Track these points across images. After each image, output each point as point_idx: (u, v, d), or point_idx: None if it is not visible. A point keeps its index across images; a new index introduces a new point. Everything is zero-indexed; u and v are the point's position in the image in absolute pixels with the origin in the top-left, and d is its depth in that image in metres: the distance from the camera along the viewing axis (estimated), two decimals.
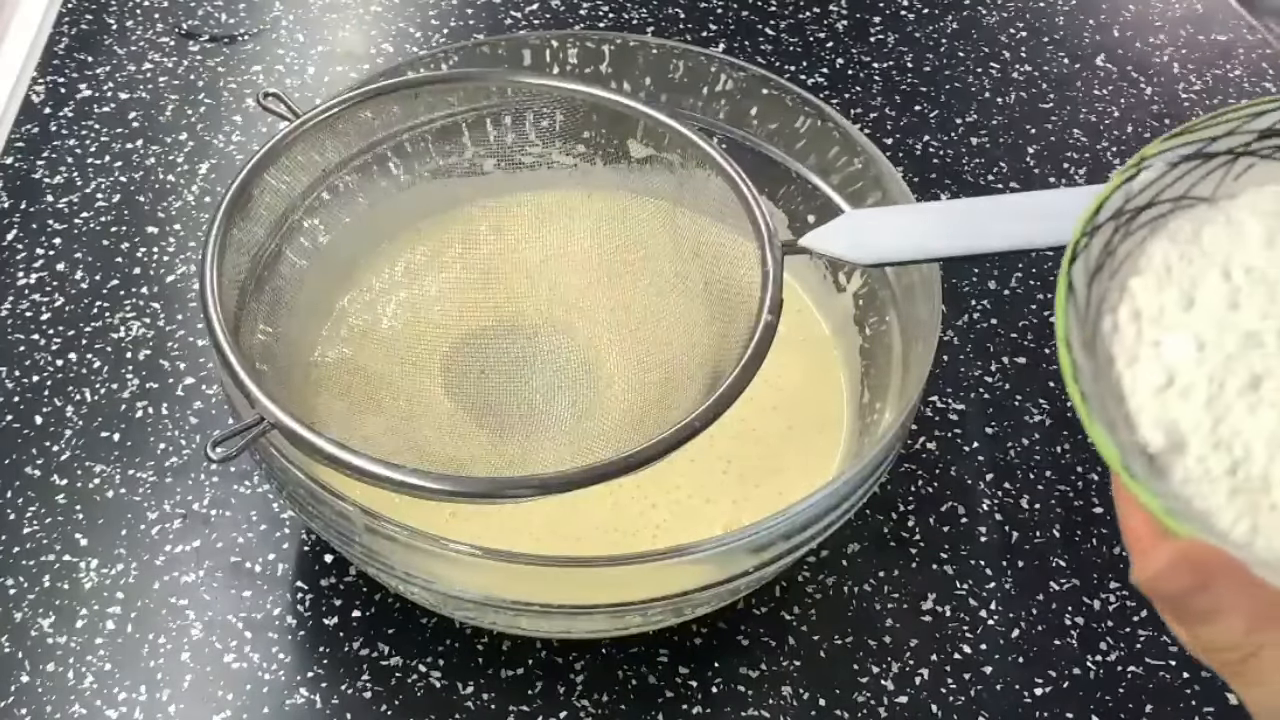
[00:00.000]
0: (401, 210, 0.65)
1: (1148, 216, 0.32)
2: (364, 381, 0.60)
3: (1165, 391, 0.30)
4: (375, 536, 0.49)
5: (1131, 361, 0.30)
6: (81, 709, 0.53)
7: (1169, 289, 0.31)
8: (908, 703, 0.55)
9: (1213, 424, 0.29)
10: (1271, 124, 0.32)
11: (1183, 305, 0.31)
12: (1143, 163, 0.32)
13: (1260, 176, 0.32)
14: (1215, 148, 0.32)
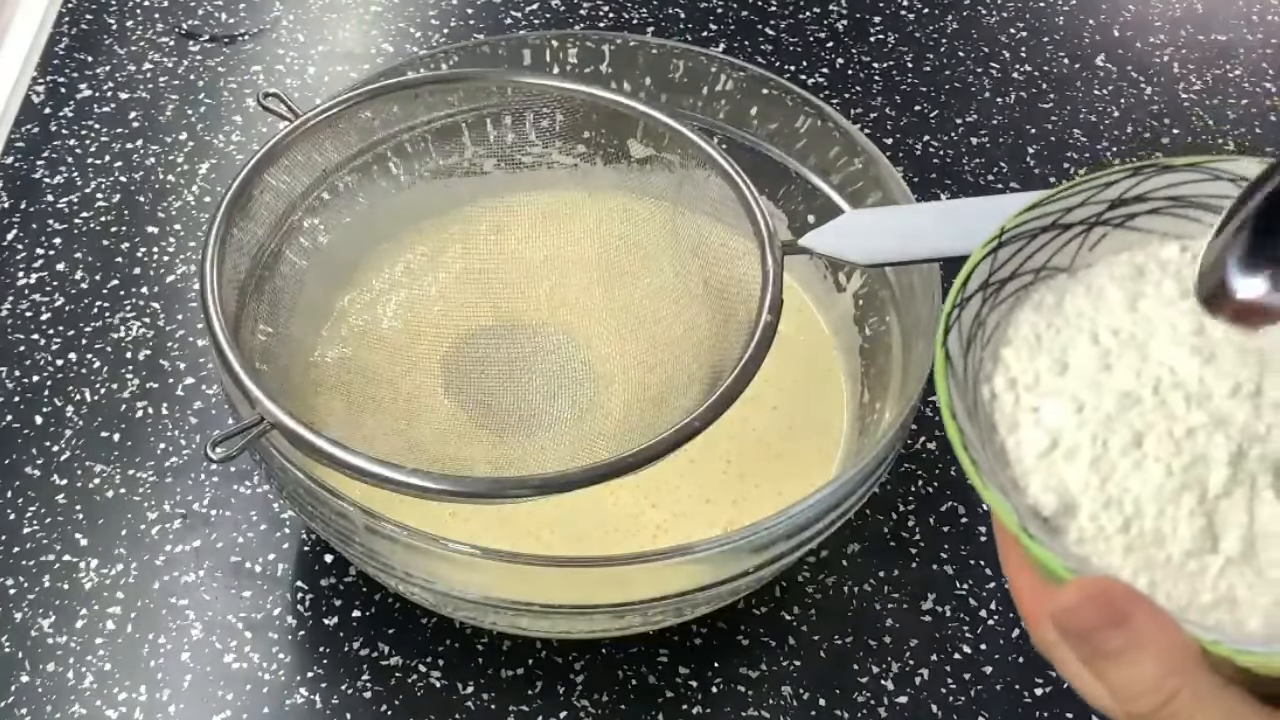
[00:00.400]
0: (401, 210, 0.65)
1: (1012, 288, 0.33)
2: (364, 381, 0.60)
3: (1050, 455, 0.30)
4: (375, 536, 0.49)
5: (1013, 428, 0.31)
6: (81, 709, 0.53)
7: (1041, 356, 0.32)
8: (908, 703, 0.55)
9: (1100, 483, 0.30)
10: (1121, 193, 0.33)
11: (1056, 371, 0.31)
12: (1004, 235, 0.32)
13: (1114, 245, 0.33)
14: (1070, 219, 0.33)
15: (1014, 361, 0.32)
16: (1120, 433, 0.30)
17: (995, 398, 0.31)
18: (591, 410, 0.59)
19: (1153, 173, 0.34)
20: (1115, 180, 0.33)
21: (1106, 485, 0.30)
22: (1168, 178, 0.34)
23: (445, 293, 0.63)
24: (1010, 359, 0.32)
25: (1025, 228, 0.33)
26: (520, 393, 0.59)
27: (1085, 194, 0.33)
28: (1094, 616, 0.28)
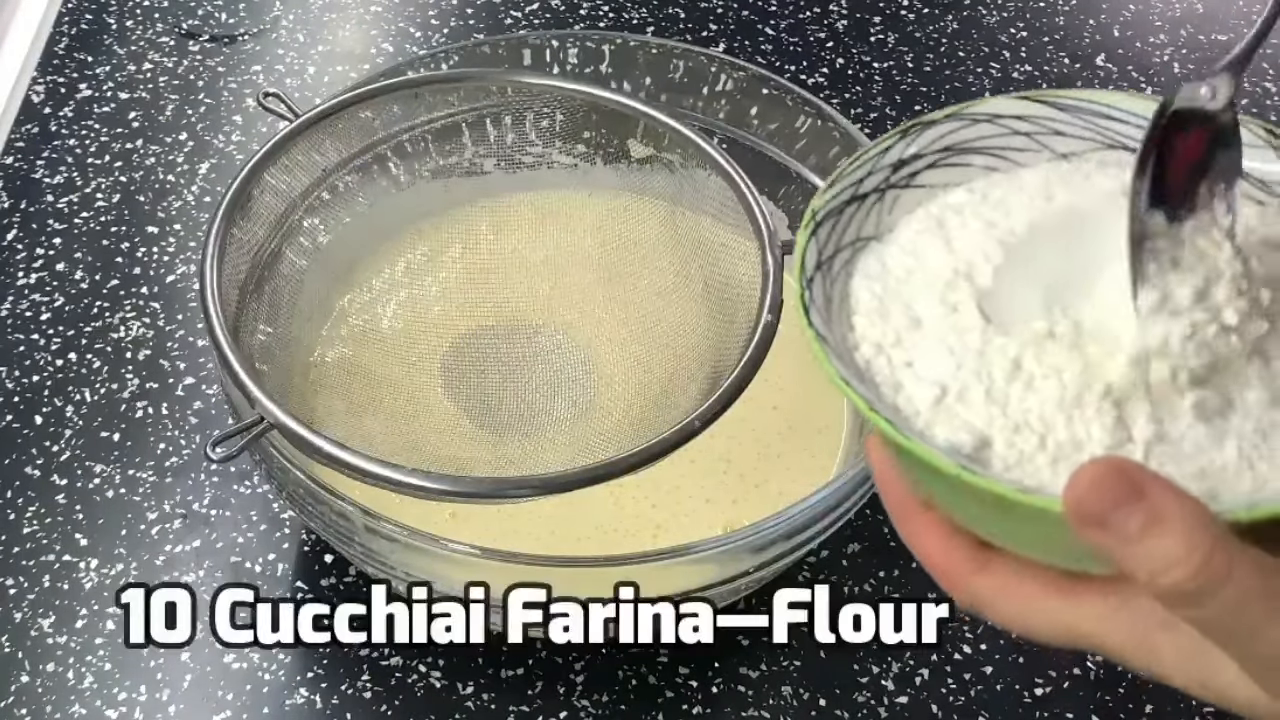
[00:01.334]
0: (401, 210, 0.65)
1: (839, 263, 0.34)
2: (364, 381, 0.60)
3: (943, 401, 0.31)
4: (375, 536, 0.49)
5: (898, 388, 0.32)
6: (81, 709, 0.53)
7: (891, 317, 0.33)
8: (908, 703, 0.55)
9: (1003, 412, 0.31)
10: (898, 156, 0.36)
11: (912, 326, 0.33)
12: (817, 216, 0.34)
13: (907, 204, 0.36)
14: (864, 189, 0.35)
15: (869, 328, 0.33)
16: (997, 363, 0.31)
17: (869, 364, 0.32)
18: (591, 410, 0.59)
19: (918, 131, 0.36)
20: (890, 145, 0.36)
21: (1009, 412, 0.31)
22: (932, 132, 0.36)
23: (445, 293, 0.63)
24: (864, 326, 0.33)
25: (831, 205, 0.35)
26: (520, 393, 0.59)
27: (869, 164, 0.35)
28: (1113, 493, 0.27)
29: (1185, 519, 0.27)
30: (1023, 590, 0.33)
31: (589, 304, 0.62)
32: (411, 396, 0.60)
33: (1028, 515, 0.30)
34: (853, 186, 0.35)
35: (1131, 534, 0.27)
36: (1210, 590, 0.27)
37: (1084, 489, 0.28)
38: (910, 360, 0.32)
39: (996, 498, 0.30)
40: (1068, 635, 0.32)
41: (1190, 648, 0.31)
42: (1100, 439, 0.30)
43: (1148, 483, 0.28)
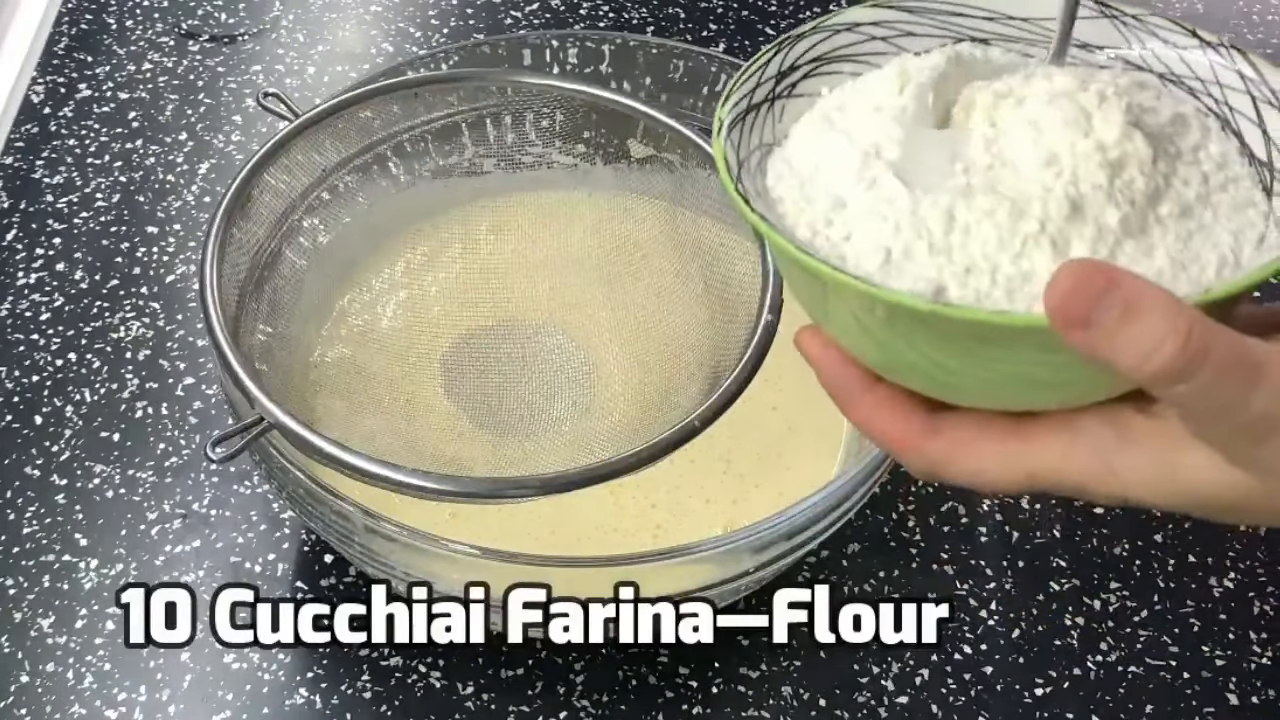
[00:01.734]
0: (401, 210, 0.65)
1: (753, 164, 0.37)
2: (364, 381, 0.60)
3: (891, 261, 0.33)
4: (375, 536, 0.49)
5: (842, 260, 0.34)
6: (81, 709, 0.53)
7: (815, 204, 0.35)
8: (908, 703, 0.55)
9: (949, 261, 0.33)
10: (778, 68, 0.38)
11: (839, 207, 0.35)
12: (722, 126, 0.37)
13: (794, 111, 0.38)
14: (756, 99, 0.38)
15: (799, 214, 0.35)
16: (932, 218, 0.33)
17: (810, 244, 0.34)
18: (591, 410, 0.59)
19: (790, 43, 0.39)
20: (769, 59, 0.38)
21: (955, 259, 0.33)
22: (803, 44, 0.39)
23: (445, 293, 0.63)
24: (794, 214, 0.35)
25: (734, 114, 0.37)
26: (520, 393, 0.59)
27: (755, 76, 0.38)
28: (1092, 285, 0.29)
29: (1160, 301, 0.29)
30: (977, 444, 0.34)
31: (589, 304, 0.62)
32: (411, 396, 0.60)
33: (1005, 338, 0.31)
34: (746, 97, 0.38)
35: (1113, 322, 0.29)
36: (1196, 363, 0.28)
37: (1065, 289, 0.29)
38: (848, 234, 0.34)
39: (975, 326, 0.31)
40: (1027, 479, 0.33)
41: (1149, 457, 0.32)
42: (1045, 265, 0.32)
43: (1119, 274, 0.29)
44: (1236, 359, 0.29)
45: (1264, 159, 0.36)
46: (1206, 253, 0.33)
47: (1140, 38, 0.39)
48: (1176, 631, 0.58)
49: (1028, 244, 0.32)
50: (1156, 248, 0.33)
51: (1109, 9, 0.39)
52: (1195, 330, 0.28)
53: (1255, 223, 0.34)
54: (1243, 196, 0.35)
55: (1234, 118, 0.37)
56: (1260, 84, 0.37)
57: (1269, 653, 0.57)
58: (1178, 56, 0.38)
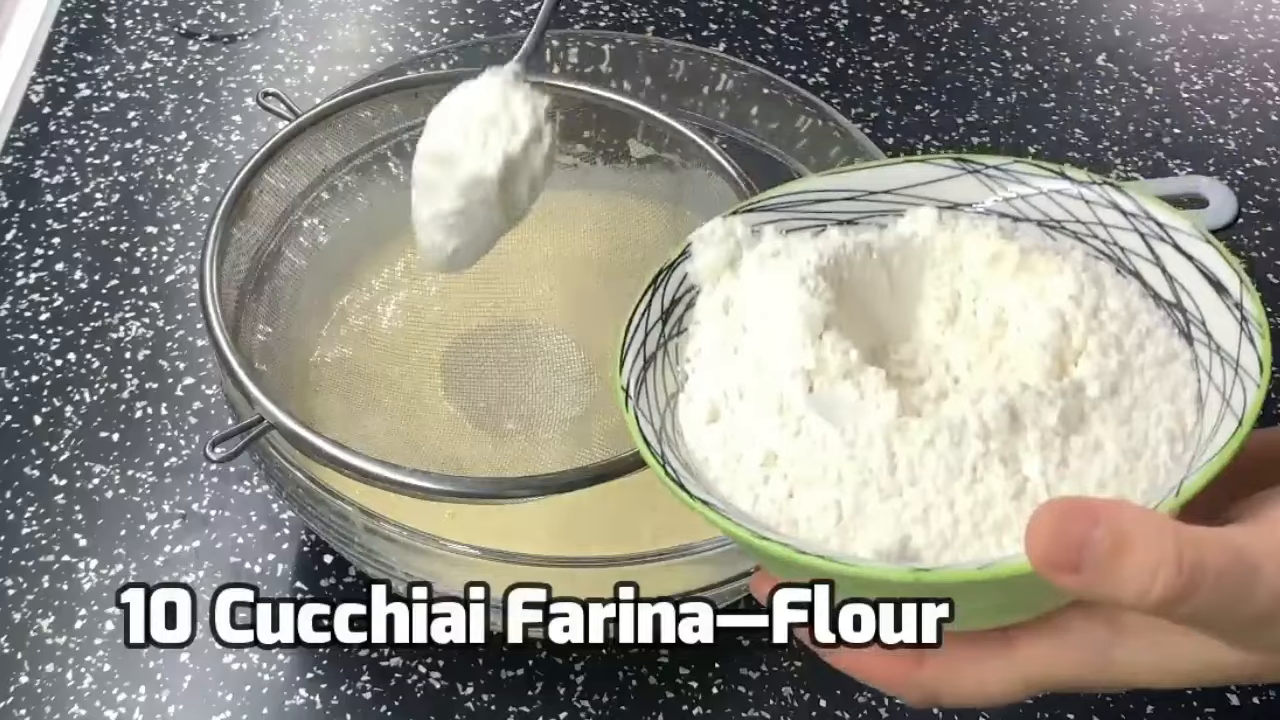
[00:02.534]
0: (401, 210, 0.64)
1: (668, 426, 0.35)
2: (364, 381, 0.60)
3: (843, 521, 0.32)
4: (375, 536, 0.49)
5: (795, 524, 0.32)
6: (81, 709, 0.53)
7: (745, 460, 0.34)
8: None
9: (903, 503, 0.31)
10: (660, 309, 0.37)
11: (770, 460, 0.33)
12: (627, 392, 0.35)
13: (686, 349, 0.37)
14: (649, 350, 0.36)
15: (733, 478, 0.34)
16: (872, 460, 0.32)
17: (755, 510, 0.33)
18: (591, 410, 0.58)
19: (664, 277, 0.38)
20: (649, 301, 0.37)
21: (910, 501, 0.31)
22: (677, 273, 0.38)
23: (445, 292, 0.63)
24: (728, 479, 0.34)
25: (633, 376, 0.36)
26: (520, 393, 0.59)
27: (641, 327, 0.37)
28: (1074, 529, 0.28)
29: (1145, 528, 0.28)
30: (965, 665, 0.33)
31: (589, 304, 0.62)
32: (411, 396, 0.60)
33: (991, 589, 0.30)
34: (639, 353, 0.36)
35: (1104, 562, 0.27)
36: (1195, 583, 0.28)
37: (1047, 539, 0.28)
38: (789, 491, 0.32)
39: (962, 587, 0.30)
40: (1024, 687, 0.33)
41: (1148, 648, 0.31)
42: (1002, 489, 0.31)
43: (1096, 510, 0.28)
44: (1230, 565, 0.28)
45: (1171, 300, 0.34)
46: (1153, 431, 0.32)
47: (1009, 187, 0.37)
48: None
49: (977, 469, 0.31)
50: (1104, 440, 0.31)
51: (969, 163, 0.37)
52: (1186, 551, 0.27)
53: (1185, 378, 0.32)
54: (1163, 350, 0.33)
55: (1127, 257, 0.35)
56: (1144, 219, 0.35)
57: None
58: (1052, 202, 0.36)
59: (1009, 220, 0.36)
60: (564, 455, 0.57)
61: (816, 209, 0.39)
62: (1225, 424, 0.30)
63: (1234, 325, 0.32)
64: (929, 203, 0.37)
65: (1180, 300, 0.34)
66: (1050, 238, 0.36)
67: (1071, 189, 0.36)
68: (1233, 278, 0.33)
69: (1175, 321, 0.34)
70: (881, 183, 0.38)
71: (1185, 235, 0.34)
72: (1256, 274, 0.72)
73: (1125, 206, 0.35)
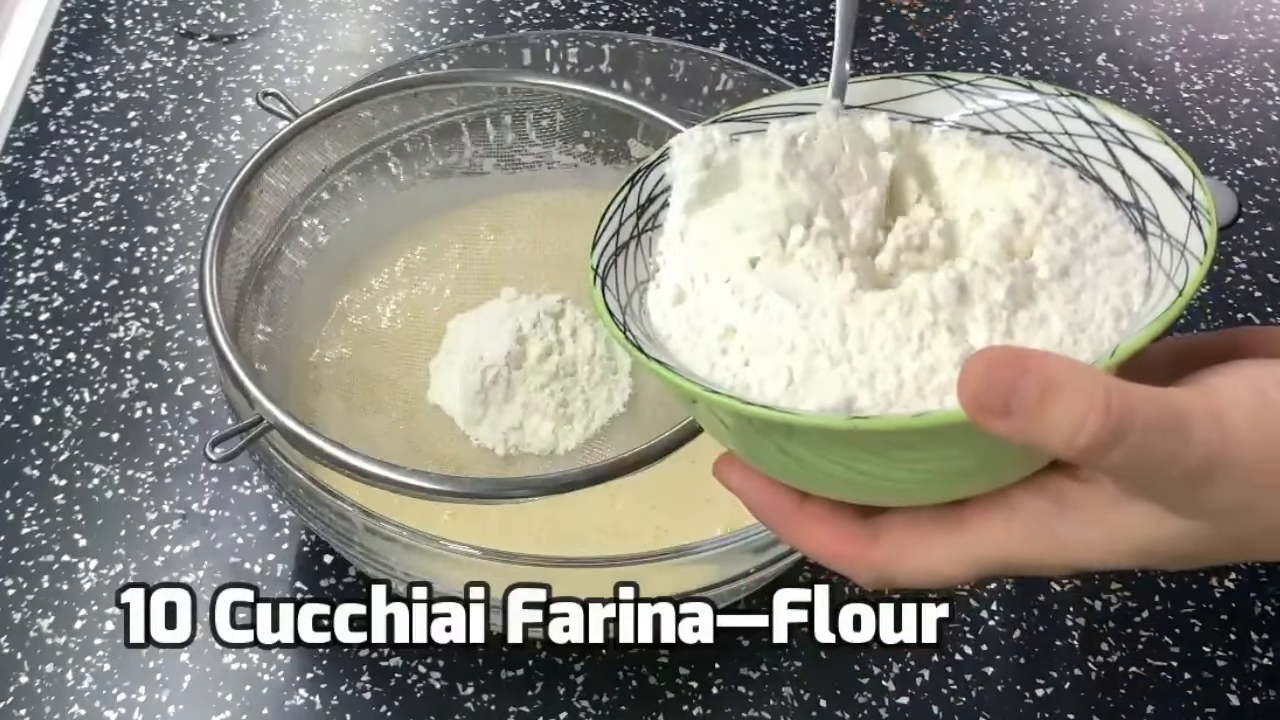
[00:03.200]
0: (401, 210, 0.65)
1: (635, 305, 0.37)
2: (364, 381, 0.60)
3: (794, 384, 0.33)
4: (375, 536, 0.49)
5: (747, 389, 0.33)
6: (80, 709, 0.53)
7: (705, 334, 0.35)
8: (908, 703, 0.55)
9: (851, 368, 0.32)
10: (636, 203, 0.38)
11: (728, 334, 0.34)
12: (597, 271, 0.37)
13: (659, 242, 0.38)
14: (623, 238, 0.38)
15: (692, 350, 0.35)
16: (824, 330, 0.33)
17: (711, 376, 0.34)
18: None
19: (642, 175, 0.39)
20: (624, 195, 0.39)
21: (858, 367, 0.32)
22: (654, 173, 0.39)
23: (445, 292, 0.63)
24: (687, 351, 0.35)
25: (604, 259, 0.38)
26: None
27: (616, 218, 0.38)
28: (1003, 373, 0.28)
29: (1074, 375, 0.28)
30: (917, 543, 0.33)
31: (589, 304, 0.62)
32: (411, 396, 0.60)
33: (926, 439, 0.31)
34: (612, 239, 0.38)
35: (1032, 406, 0.28)
36: (1123, 430, 0.28)
37: (977, 382, 0.28)
38: (745, 360, 0.34)
39: (895, 434, 0.31)
40: (977, 567, 0.33)
41: (1091, 522, 0.32)
42: (948, 355, 0.32)
43: (1026, 356, 0.28)
44: (1160, 416, 0.28)
45: (1129, 199, 0.35)
46: (1099, 309, 0.33)
47: (980, 101, 0.39)
48: (1177, 632, 0.57)
49: (925, 337, 0.32)
50: (1050, 315, 0.32)
51: (943, 79, 0.39)
52: (1114, 398, 0.28)
53: (1137, 267, 0.34)
54: (1117, 242, 0.34)
55: (1090, 164, 0.37)
56: (1107, 126, 0.36)
57: (1270, 653, 0.57)
58: (1020, 114, 0.38)
59: (979, 133, 0.38)
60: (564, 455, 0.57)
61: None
62: (1167, 295, 0.32)
63: (1184, 215, 0.34)
64: (902, 117, 0.39)
65: (1138, 199, 0.35)
66: (1018, 148, 0.38)
67: (1039, 101, 0.38)
68: (1186, 173, 0.35)
69: (1132, 219, 0.35)
70: (858, 97, 0.40)
71: (1144, 139, 0.36)
72: (1256, 274, 0.72)
73: (1089, 115, 0.37)
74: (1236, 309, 0.70)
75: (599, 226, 0.38)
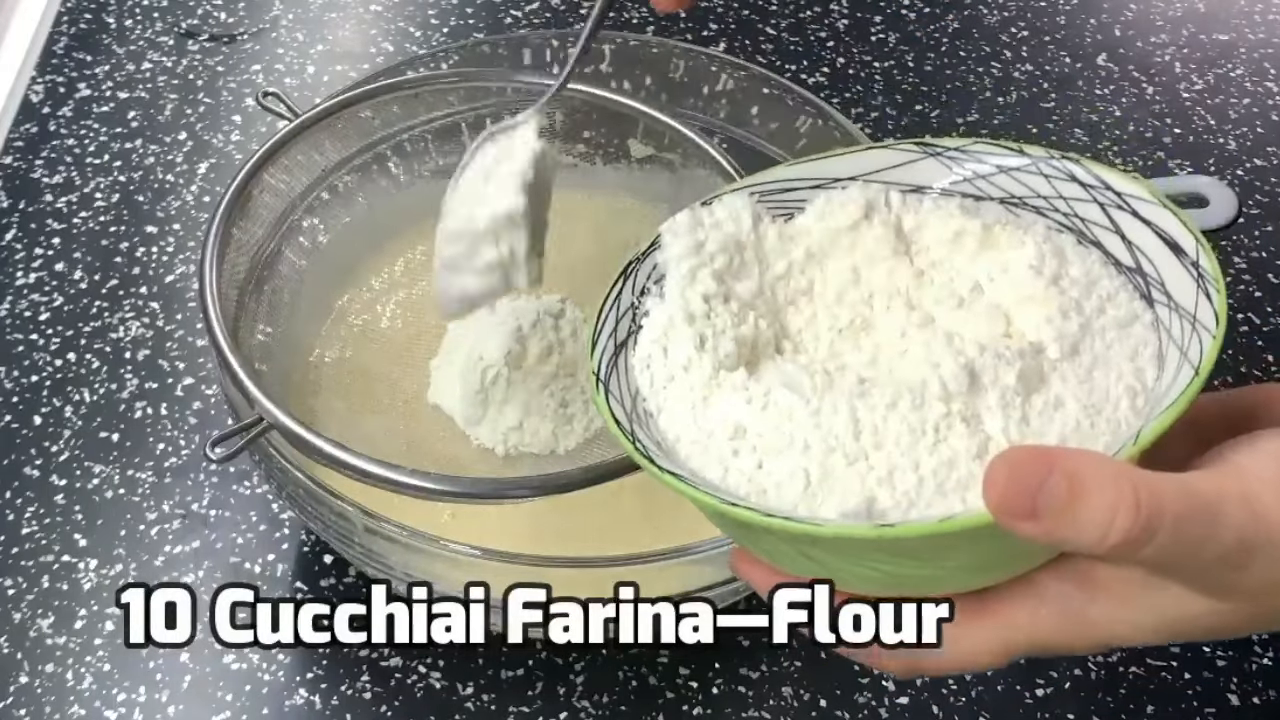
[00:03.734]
0: (401, 210, 0.65)
1: (640, 409, 0.36)
2: (364, 381, 0.60)
3: (811, 486, 0.32)
4: (375, 537, 0.49)
5: (763, 493, 0.33)
6: (80, 710, 0.53)
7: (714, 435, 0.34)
8: (908, 703, 0.55)
9: (868, 466, 0.32)
10: (630, 298, 0.38)
11: (738, 435, 0.34)
12: (599, 376, 0.36)
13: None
14: (620, 337, 0.37)
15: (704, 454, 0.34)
16: (836, 427, 0.32)
17: (725, 481, 0.33)
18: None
19: (633, 268, 0.38)
20: (618, 291, 0.38)
21: (875, 465, 0.32)
22: (646, 264, 0.38)
23: None
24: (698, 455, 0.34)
25: (605, 361, 0.36)
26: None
27: (612, 316, 0.37)
28: (1030, 475, 0.28)
29: (1101, 472, 0.28)
30: (946, 634, 0.33)
31: (589, 304, 0.62)
32: (411, 396, 0.60)
33: (953, 542, 0.30)
34: (611, 337, 0.37)
35: (1060, 508, 0.27)
36: (1154, 525, 0.28)
37: (1003, 486, 0.28)
38: (758, 462, 0.33)
39: (922, 541, 0.30)
40: (1005, 652, 0.33)
41: (1122, 603, 0.31)
42: (964, 447, 0.31)
43: (1052, 456, 0.28)
44: (1191, 507, 0.28)
45: (1132, 265, 0.34)
46: (1114, 388, 0.32)
47: (969, 167, 0.38)
48: None
49: (940, 430, 0.31)
50: (1064, 398, 0.32)
51: (930, 146, 0.38)
52: (1143, 493, 0.28)
53: (1147, 338, 0.33)
54: (1124, 313, 0.34)
55: (1088, 228, 0.36)
56: (1103, 189, 0.35)
57: (1270, 653, 0.57)
58: (1012, 179, 0.37)
59: (971, 200, 0.37)
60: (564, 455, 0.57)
61: (784, 198, 0.40)
62: (1183, 374, 0.31)
63: (1191, 283, 0.33)
64: (892, 187, 0.38)
65: (1140, 265, 0.34)
66: (1013, 214, 0.37)
67: (1031, 165, 0.37)
68: (1188, 238, 0.33)
69: (1136, 286, 0.34)
70: (847, 170, 0.39)
71: (1142, 202, 0.35)
72: (1256, 274, 0.72)
73: (1083, 178, 0.36)
74: (1237, 309, 0.70)
75: (596, 325, 0.37)
